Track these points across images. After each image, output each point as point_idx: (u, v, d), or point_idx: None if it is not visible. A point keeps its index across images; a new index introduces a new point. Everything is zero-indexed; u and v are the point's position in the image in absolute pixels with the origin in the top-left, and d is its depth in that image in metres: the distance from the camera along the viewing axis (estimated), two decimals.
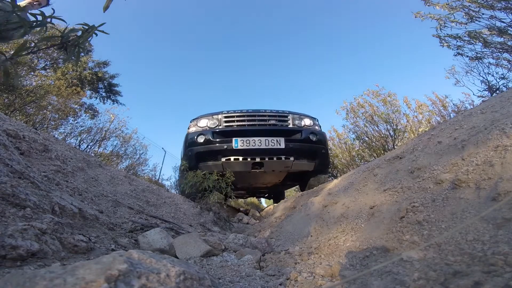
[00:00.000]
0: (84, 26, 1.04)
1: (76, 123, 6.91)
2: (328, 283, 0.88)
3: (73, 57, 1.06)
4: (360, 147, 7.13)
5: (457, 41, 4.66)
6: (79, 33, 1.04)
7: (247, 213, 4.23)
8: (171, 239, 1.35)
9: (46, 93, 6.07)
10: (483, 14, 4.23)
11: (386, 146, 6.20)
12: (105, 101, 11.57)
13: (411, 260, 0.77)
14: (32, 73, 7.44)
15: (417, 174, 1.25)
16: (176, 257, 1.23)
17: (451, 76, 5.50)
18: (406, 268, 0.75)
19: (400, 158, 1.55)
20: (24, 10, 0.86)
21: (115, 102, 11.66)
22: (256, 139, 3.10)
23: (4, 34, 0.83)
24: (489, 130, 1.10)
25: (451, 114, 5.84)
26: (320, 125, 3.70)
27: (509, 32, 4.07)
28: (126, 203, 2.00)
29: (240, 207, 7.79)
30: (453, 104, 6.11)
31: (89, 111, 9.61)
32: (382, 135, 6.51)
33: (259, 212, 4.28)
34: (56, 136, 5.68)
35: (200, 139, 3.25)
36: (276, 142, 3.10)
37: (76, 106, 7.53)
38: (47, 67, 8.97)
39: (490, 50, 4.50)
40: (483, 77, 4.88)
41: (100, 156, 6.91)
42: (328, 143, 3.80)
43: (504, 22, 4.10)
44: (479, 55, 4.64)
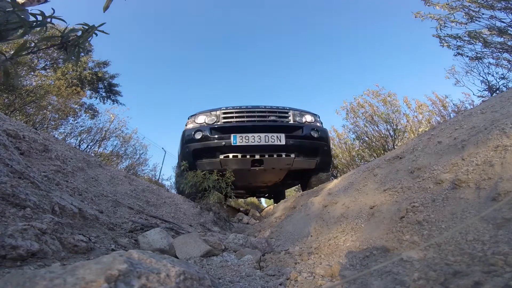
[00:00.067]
0: (84, 26, 1.04)
1: (76, 123, 6.94)
2: (328, 283, 0.88)
3: (73, 57, 1.06)
4: (360, 147, 7.13)
5: (457, 41, 4.66)
6: (79, 33, 1.04)
7: (247, 213, 4.23)
8: (171, 239, 1.35)
9: (46, 93, 6.08)
10: (483, 14, 4.23)
11: (386, 146, 6.20)
12: (105, 101, 11.61)
13: (411, 260, 0.77)
14: (32, 73, 7.45)
15: (417, 174, 1.25)
16: (176, 257, 1.23)
17: (451, 76, 5.50)
18: (406, 268, 0.75)
19: (400, 158, 1.55)
20: (24, 8, 0.86)
21: (115, 102, 11.70)
22: (256, 135, 2.98)
23: (4, 34, 0.83)
24: (489, 130, 1.10)
25: (451, 114, 5.84)
26: (321, 122, 3.60)
27: (509, 32, 4.07)
28: (126, 203, 2.00)
29: (240, 207, 7.79)
30: (453, 104, 6.12)
31: (89, 111, 9.63)
32: (382, 135, 6.51)
33: (259, 212, 4.28)
34: (56, 136, 5.68)
35: (197, 135, 3.14)
36: (276, 138, 2.99)
37: (76, 106, 7.54)
38: (47, 67, 8.98)
39: (490, 50, 4.50)
40: (483, 77, 4.88)
41: (100, 156, 6.92)
42: (330, 140, 3.66)
43: (504, 22, 4.11)
44: (479, 55, 4.65)
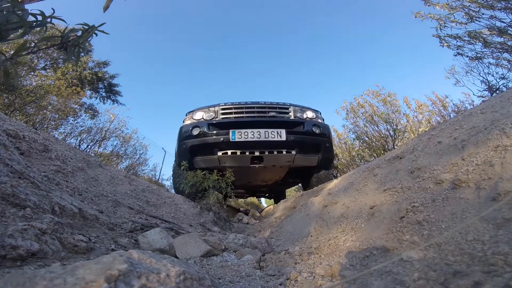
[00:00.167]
0: (84, 26, 1.04)
1: (76, 123, 6.95)
2: (328, 283, 0.88)
3: (73, 57, 1.06)
4: (360, 147, 7.13)
5: (457, 41, 4.67)
6: (79, 33, 1.04)
7: (247, 213, 4.23)
8: (171, 239, 1.35)
9: (46, 93, 6.08)
10: (483, 14, 4.24)
11: (386, 146, 6.20)
12: (105, 101, 11.63)
13: (411, 260, 0.77)
14: (32, 73, 7.45)
15: (417, 174, 1.25)
16: (176, 257, 1.23)
17: (451, 76, 5.51)
18: (406, 268, 0.75)
19: (400, 158, 1.55)
20: (24, 8, 0.86)
21: (115, 102, 11.72)
22: (255, 130, 2.88)
23: (4, 34, 0.83)
24: (489, 130, 1.09)
25: (451, 114, 5.85)
26: (323, 118, 3.51)
27: (509, 32, 4.07)
28: (126, 203, 2.00)
29: (240, 207, 7.79)
30: (453, 104, 6.13)
31: (89, 111, 9.65)
32: (382, 135, 6.51)
33: (259, 212, 4.28)
34: (56, 136, 5.69)
35: (194, 131, 3.02)
36: (277, 134, 2.88)
37: (76, 106, 7.55)
38: (47, 67, 8.98)
39: (490, 50, 4.50)
40: (483, 77, 4.89)
41: (100, 156, 6.92)
42: (332, 137, 3.56)
43: (504, 22, 4.11)
44: (479, 55, 4.65)
